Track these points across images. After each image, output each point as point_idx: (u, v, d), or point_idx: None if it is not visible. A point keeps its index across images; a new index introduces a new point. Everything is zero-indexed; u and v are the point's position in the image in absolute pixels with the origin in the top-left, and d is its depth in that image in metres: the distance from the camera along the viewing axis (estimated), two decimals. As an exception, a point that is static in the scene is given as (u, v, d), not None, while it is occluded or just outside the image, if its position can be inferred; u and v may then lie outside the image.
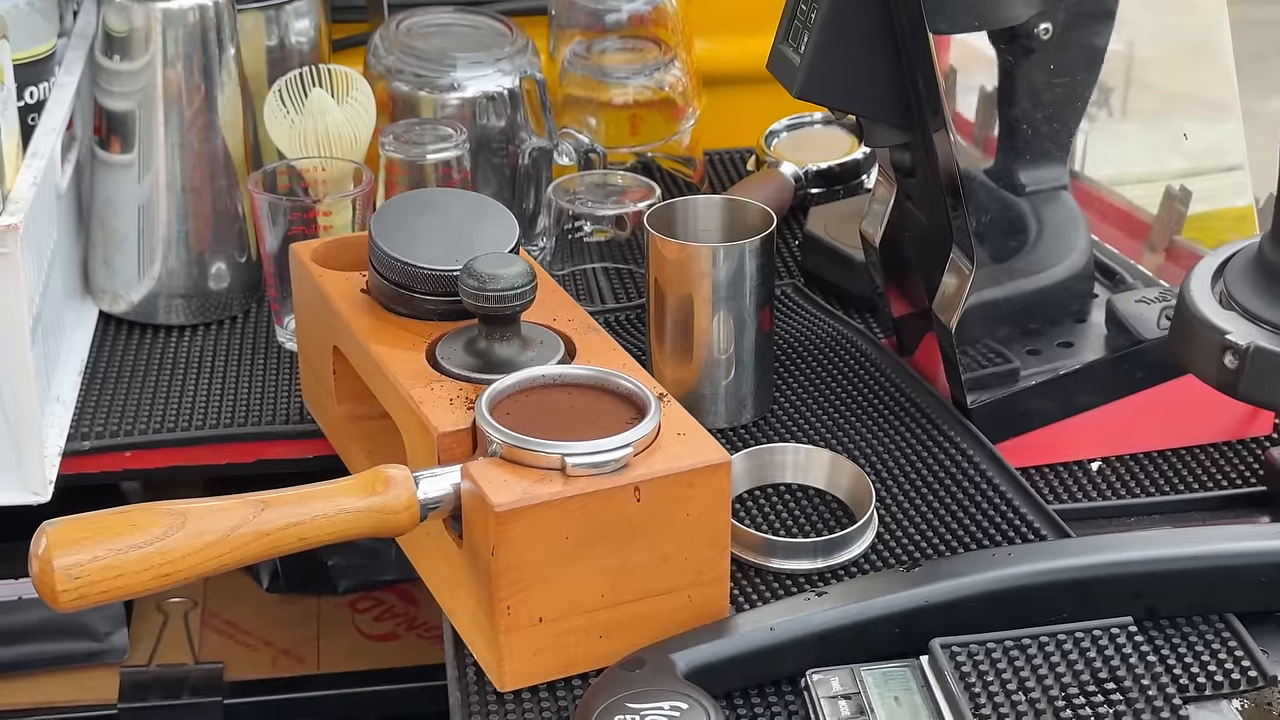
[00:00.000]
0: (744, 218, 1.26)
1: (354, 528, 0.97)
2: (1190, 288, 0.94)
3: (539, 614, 0.98)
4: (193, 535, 0.92)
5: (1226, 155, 1.33)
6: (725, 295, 1.23)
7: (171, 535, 0.92)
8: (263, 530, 0.94)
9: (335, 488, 0.98)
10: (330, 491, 0.97)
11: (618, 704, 0.92)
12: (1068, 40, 1.20)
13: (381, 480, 0.98)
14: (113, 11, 1.39)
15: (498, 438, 0.99)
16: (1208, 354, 0.91)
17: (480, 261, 1.08)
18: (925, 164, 1.21)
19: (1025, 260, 1.26)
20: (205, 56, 1.41)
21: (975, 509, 1.15)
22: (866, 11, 1.15)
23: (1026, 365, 1.24)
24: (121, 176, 1.42)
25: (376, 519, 0.97)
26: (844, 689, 0.97)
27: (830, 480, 1.18)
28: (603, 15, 1.63)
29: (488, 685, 1.01)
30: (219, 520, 0.93)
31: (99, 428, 1.31)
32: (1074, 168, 1.30)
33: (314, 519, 0.95)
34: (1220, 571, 1.03)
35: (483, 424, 1.00)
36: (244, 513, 0.94)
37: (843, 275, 1.46)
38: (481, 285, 1.07)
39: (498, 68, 1.54)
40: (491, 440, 0.99)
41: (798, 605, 1.01)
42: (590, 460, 0.97)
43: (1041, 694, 0.95)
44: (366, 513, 0.97)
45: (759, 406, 1.27)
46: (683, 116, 1.65)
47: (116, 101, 1.41)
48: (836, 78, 1.17)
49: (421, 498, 0.98)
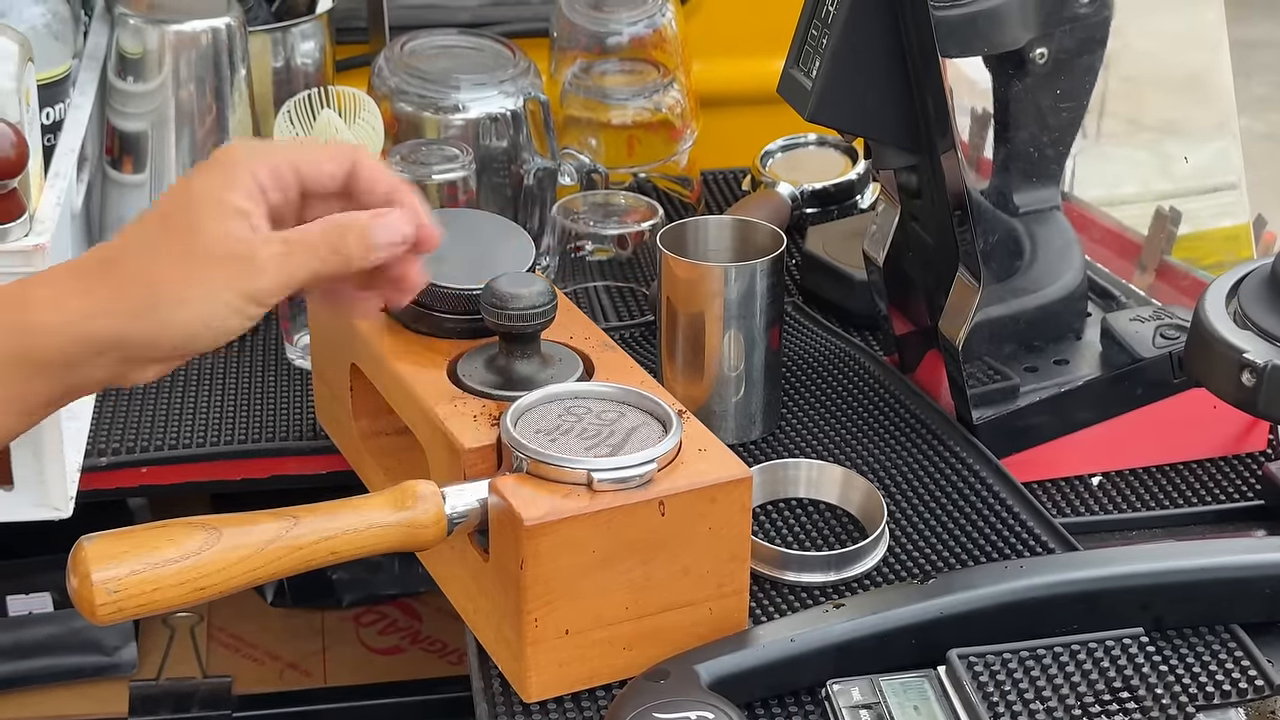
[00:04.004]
0: (754, 238, 1.29)
1: (383, 542, 0.99)
2: (1205, 307, 0.97)
3: (565, 626, 1.01)
4: (228, 550, 0.94)
5: (1220, 175, 1.36)
6: (736, 314, 1.25)
7: (207, 550, 0.93)
8: (295, 544, 0.96)
9: (364, 502, 0.99)
10: (359, 506, 0.99)
11: (645, 714, 0.94)
12: (1062, 65, 1.23)
13: (410, 495, 1.00)
14: (126, 33, 1.41)
15: (525, 455, 1.01)
16: (1225, 372, 0.93)
17: (502, 281, 1.10)
18: (932, 185, 1.23)
19: (1025, 279, 1.29)
20: (217, 78, 1.43)
21: (984, 523, 1.18)
22: (877, 37, 1.18)
23: (1025, 382, 1.27)
24: (133, 196, 1.44)
25: (405, 533, 0.99)
26: (864, 699, 0.99)
27: (842, 495, 1.20)
28: (603, 38, 1.65)
29: (514, 696, 1.03)
30: (253, 535, 0.95)
31: (115, 444, 1.32)
32: (1064, 189, 1.33)
33: (345, 533, 0.97)
34: (1226, 583, 1.06)
35: (509, 441, 1.02)
36: (277, 527, 0.96)
37: (842, 294, 1.49)
38: (504, 304, 1.09)
39: (501, 89, 1.56)
40: (518, 456, 1.01)
41: (817, 617, 1.03)
42: (616, 475, 0.99)
43: (1058, 702, 0.97)
44: (396, 527, 0.99)
45: (768, 423, 1.29)
46: (681, 138, 1.68)
47: (129, 122, 1.43)
48: (847, 101, 1.20)
49: (449, 512, 1.00)
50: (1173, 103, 1.38)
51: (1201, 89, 1.36)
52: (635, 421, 1.05)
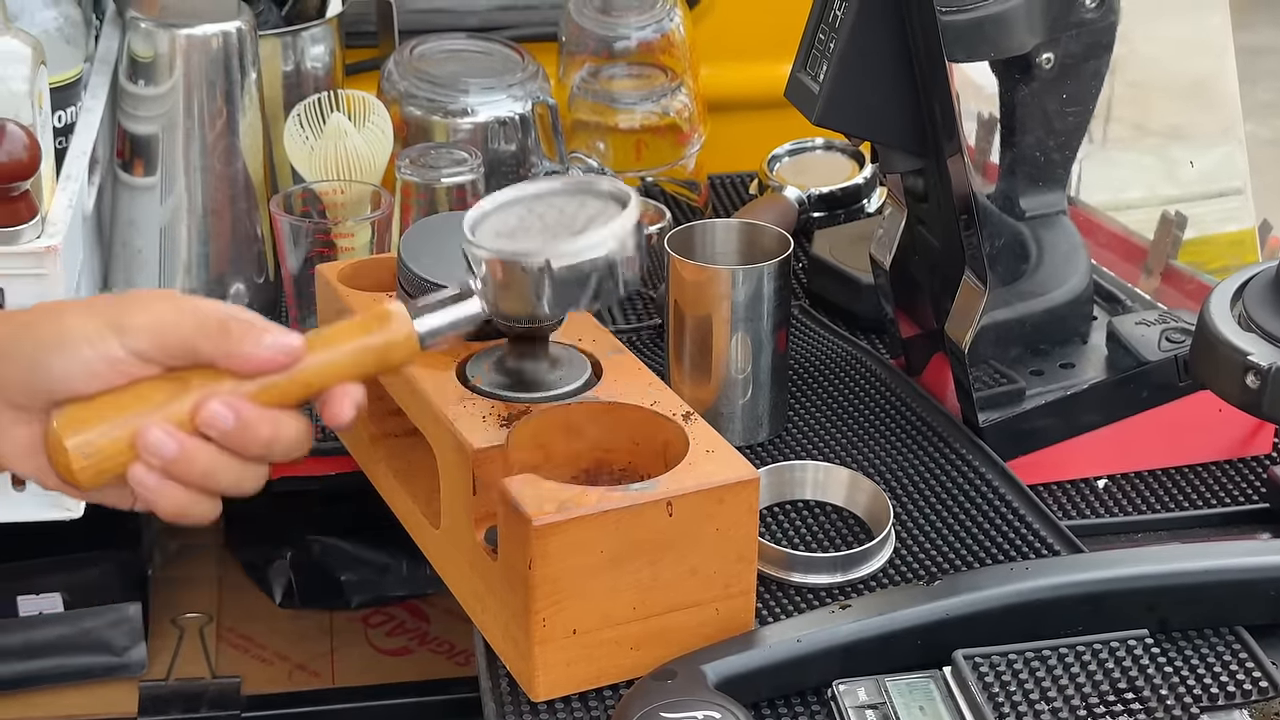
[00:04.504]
0: (761, 241, 1.30)
1: (359, 368, 0.96)
2: (1210, 310, 0.97)
3: (573, 626, 1.01)
4: (196, 400, 0.91)
5: (1226, 180, 1.37)
6: (744, 316, 1.26)
7: (176, 401, 0.90)
8: (267, 384, 0.93)
9: (333, 333, 0.96)
10: (330, 337, 0.96)
11: (652, 713, 0.95)
12: (1068, 69, 1.24)
13: (379, 318, 0.96)
14: (138, 37, 1.42)
15: (483, 258, 0.98)
16: (1230, 375, 0.94)
17: (511, 283, 1.11)
18: (939, 189, 1.24)
19: (1031, 283, 1.30)
20: (228, 81, 1.44)
21: (990, 525, 1.19)
22: (884, 41, 1.19)
23: (1031, 385, 1.28)
24: (144, 199, 1.45)
25: (379, 355, 0.96)
26: (870, 699, 1.00)
27: (849, 497, 1.21)
28: (611, 42, 1.66)
29: (521, 696, 1.04)
30: (223, 383, 0.92)
31: (125, 445, 1.33)
32: (1070, 194, 1.33)
33: (318, 366, 0.94)
34: (1231, 586, 1.07)
35: (468, 252, 0.99)
36: None
37: (849, 297, 1.50)
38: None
39: (509, 93, 1.57)
40: (477, 264, 0.98)
41: (823, 618, 1.04)
42: (574, 262, 0.96)
43: (1063, 703, 0.98)
44: (369, 351, 0.96)
45: (774, 425, 1.30)
46: (688, 142, 1.69)
47: (140, 125, 1.44)
48: (854, 105, 1.21)
49: (420, 330, 0.97)
50: (1178, 108, 1.39)
51: (1207, 94, 1.37)
52: (596, 209, 1.01)
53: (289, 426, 0.93)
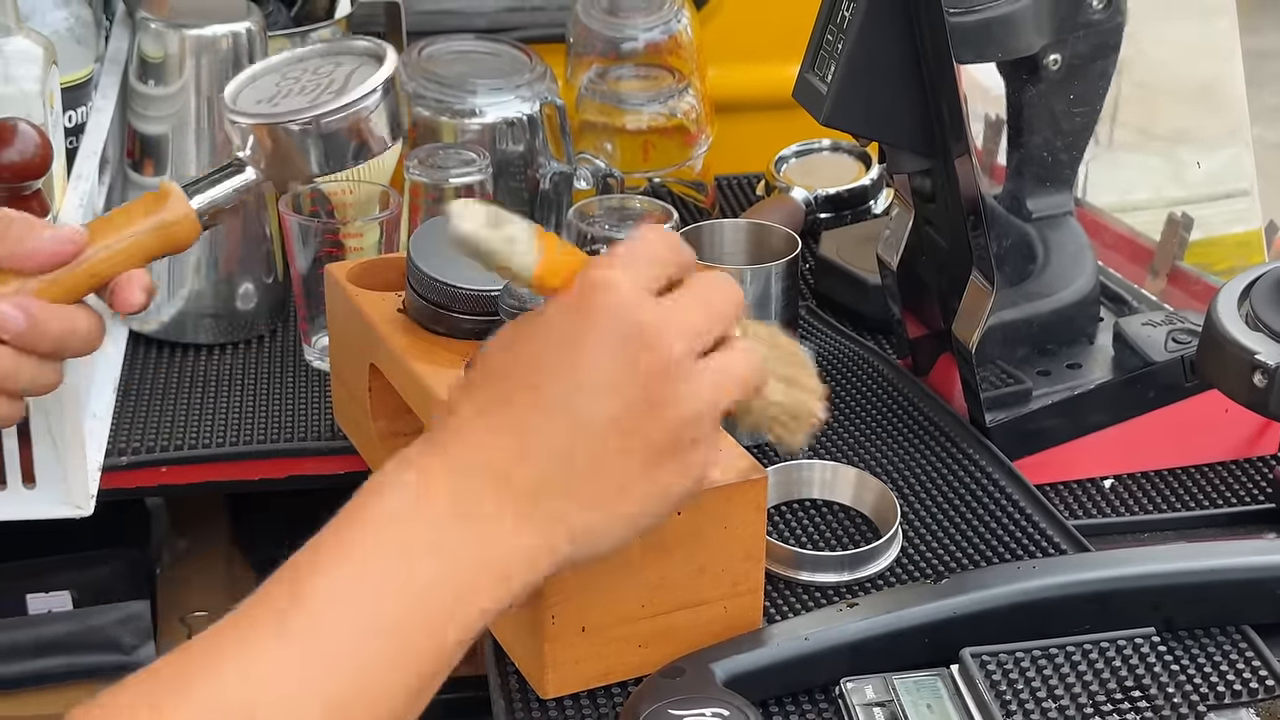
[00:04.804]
0: (769, 241, 1.30)
1: (144, 251, 0.96)
2: (1218, 309, 0.98)
3: (582, 623, 1.02)
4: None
5: (1233, 182, 1.37)
6: (751, 316, 1.26)
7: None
8: (54, 279, 0.93)
9: (113, 219, 0.97)
10: (110, 224, 0.97)
11: (661, 710, 0.96)
12: (1076, 70, 1.24)
13: (158, 197, 0.97)
14: (148, 37, 1.43)
15: (247, 127, 0.99)
16: (1237, 373, 0.95)
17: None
18: (946, 189, 1.24)
19: (1038, 283, 1.30)
20: (237, 82, 1.44)
21: (996, 524, 1.19)
22: (892, 42, 1.19)
23: (1038, 386, 1.28)
24: (154, 199, 1.45)
25: (160, 236, 0.97)
26: (877, 696, 1.00)
27: (856, 497, 1.21)
28: (619, 43, 1.66)
29: (530, 693, 1.04)
30: (9, 283, 0.93)
31: (135, 444, 1.34)
32: (1077, 195, 1.34)
33: (103, 254, 0.94)
34: (1237, 585, 1.07)
35: (229, 123, 1.00)
36: None
37: (856, 298, 1.50)
38: (522, 305, 1.10)
39: (517, 94, 1.57)
40: (242, 132, 0.99)
41: (831, 616, 1.04)
42: (341, 116, 0.98)
43: (1069, 700, 0.98)
44: (151, 232, 0.96)
45: (782, 425, 1.30)
46: (696, 143, 1.69)
47: (150, 125, 1.44)
48: (862, 106, 1.21)
49: (197, 206, 0.97)
50: (1185, 110, 1.39)
51: (1214, 96, 1.37)
52: (352, 66, 1.01)
53: (81, 320, 0.93)
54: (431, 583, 0.79)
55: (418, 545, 0.80)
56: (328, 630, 0.75)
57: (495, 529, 0.81)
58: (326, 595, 0.76)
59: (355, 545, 0.78)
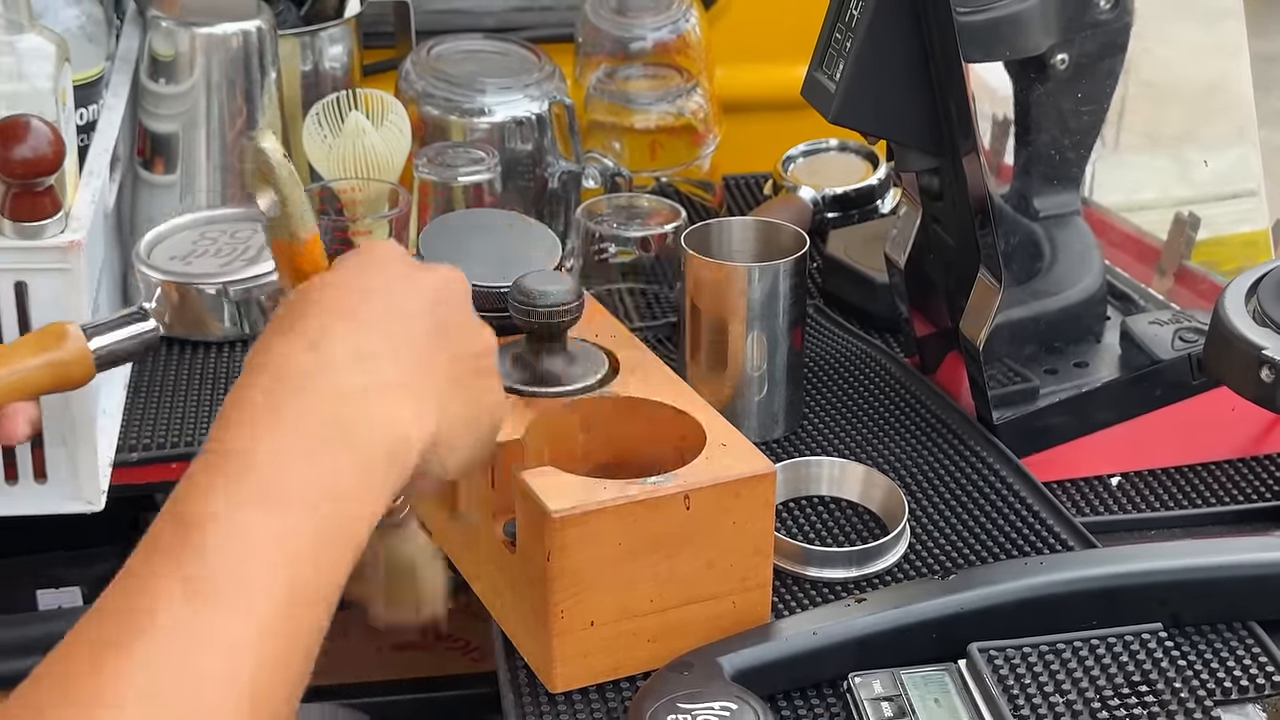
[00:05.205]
0: (777, 239, 1.31)
1: (35, 386, 0.96)
2: (1225, 305, 0.98)
3: (591, 618, 1.02)
4: None
5: (1240, 182, 1.37)
6: (759, 314, 1.27)
7: None
8: None
9: (8, 351, 0.97)
10: (4, 355, 0.97)
11: (669, 704, 0.96)
12: (1083, 69, 1.25)
13: (54, 335, 0.97)
14: (159, 36, 1.43)
15: (158, 281, 0.98)
16: (1244, 369, 0.95)
17: (529, 279, 1.12)
18: (954, 187, 1.25)
19: (1045, 282, 1.31)
20: (247, 80, 1.45)
21: (1004, 521, 1.19)
22: (900, 40, 1.20)
23: (1045, 384, 1.29)
24: (164, 196, 1.46)
25: (54, 373, 0.97)
26: (885, 691, 1.01)
27: (864, 493, 1.22)
28: (627, 43, 1.67)
29: (539, 687, 1.05)
30: None
31: (146, 440, 1.34)
32: (1084, 194, 1.34)
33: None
34: (1243, 581, 1.07)
35: (141, 275, 0.99)
36: None
37: (863, 296, 1.50)
38: (531, 301, 1.11)
39: (526, 93, 1.58)
40: (152, 286, 0.99)
41: (839, 611, 1.05)
42: (248, 287, 0.98)
43: (1077, 695, 0.99)
44: (44, 369, 0.96)
45: (790, 422, 1.31)
46: (703, 142, 1.69)
47: (160, 123, 1.45)
48: (870, 104, 1.22)
49: (93, 347, 0.97)
50: (1193, 109, 1.39)
51: (1221, 96, 1.38)
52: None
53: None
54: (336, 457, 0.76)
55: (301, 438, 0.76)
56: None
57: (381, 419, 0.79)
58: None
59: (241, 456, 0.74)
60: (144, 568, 0.70)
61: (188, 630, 0.67)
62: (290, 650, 0.70)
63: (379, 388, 0.79)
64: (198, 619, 0.68)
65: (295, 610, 0.70)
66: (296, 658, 0.70)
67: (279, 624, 0.69)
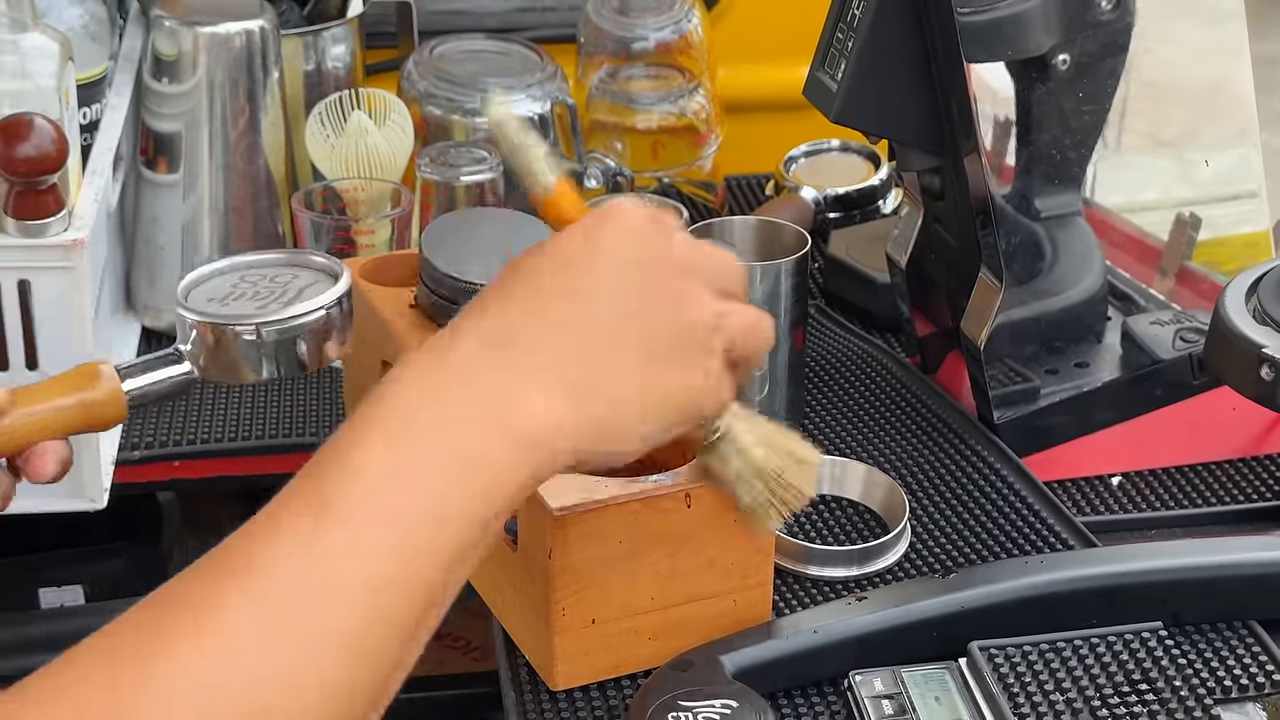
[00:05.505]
0: (778, 238, 1.31)
1: (65, 426, 0.95)
2: (1225, 304, 0.98)
3: (592, 615, 1.02)
4: None
5: (1241, 183, 1.38)
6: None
7: None
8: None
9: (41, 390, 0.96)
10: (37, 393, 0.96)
11: (671, 701, 0.96)
12: (1085, 69, 1.25)
13: (88, 375, 0.96)
14: (162, 36, 1.44)
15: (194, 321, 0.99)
16: (1244, 367, 0.95)
17: (532, 278, 1.12)
18: (955, 187, 1.25)
19: (1046, 282, 1.31)
20: (250, 80, 1.45)
21: (1004, 520, 1.19)
22: (902, 40, 1.20)
23: (1046, 384, 1.29)
24: (167, 196, 1.46)
25: (86, 413, 0.96)
26: (886, 689, 1.01)
27: (864, 492, 1.22)
28: (629, 43, 1.67)
29: (540, 685, 1.05)
30: None
31: (148, 438, 1.35)
32: (1086, 195, 1.34)
33: (22, 422, 0.93)
34: (1244, 580, 1.08)
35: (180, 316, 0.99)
36: None
37: (865, 296, 1.51)
38: (533, 300, 1.11)
39: (528, 93, 1.58)
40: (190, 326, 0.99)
41: (840, 609, 1.05)
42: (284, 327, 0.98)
43: (1078, 694, 0.99)
44: (76, 408, 0.95)
45: (791, 421, 1.31)
46: (705, 143, 1.70)
47: (163, 123, 1.45)
48: (872, 104, 1.22)
49: (128, 389, 0.97)
50: (1194, 110, 1.40)
51: (1223, 98, 1.38)
52: (308, 280, 1.02)
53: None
54: (468, 453, 0.78)
55: (449, 419, 0.78)
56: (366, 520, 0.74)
57: (519, 405, 0.80)
58: (370, 485, 0.75)
59: (382, 439, 0.77)
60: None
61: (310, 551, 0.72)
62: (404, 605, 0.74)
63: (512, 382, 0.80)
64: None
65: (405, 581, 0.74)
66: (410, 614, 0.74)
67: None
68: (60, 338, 1.23)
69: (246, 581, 0.71)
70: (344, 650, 0.71)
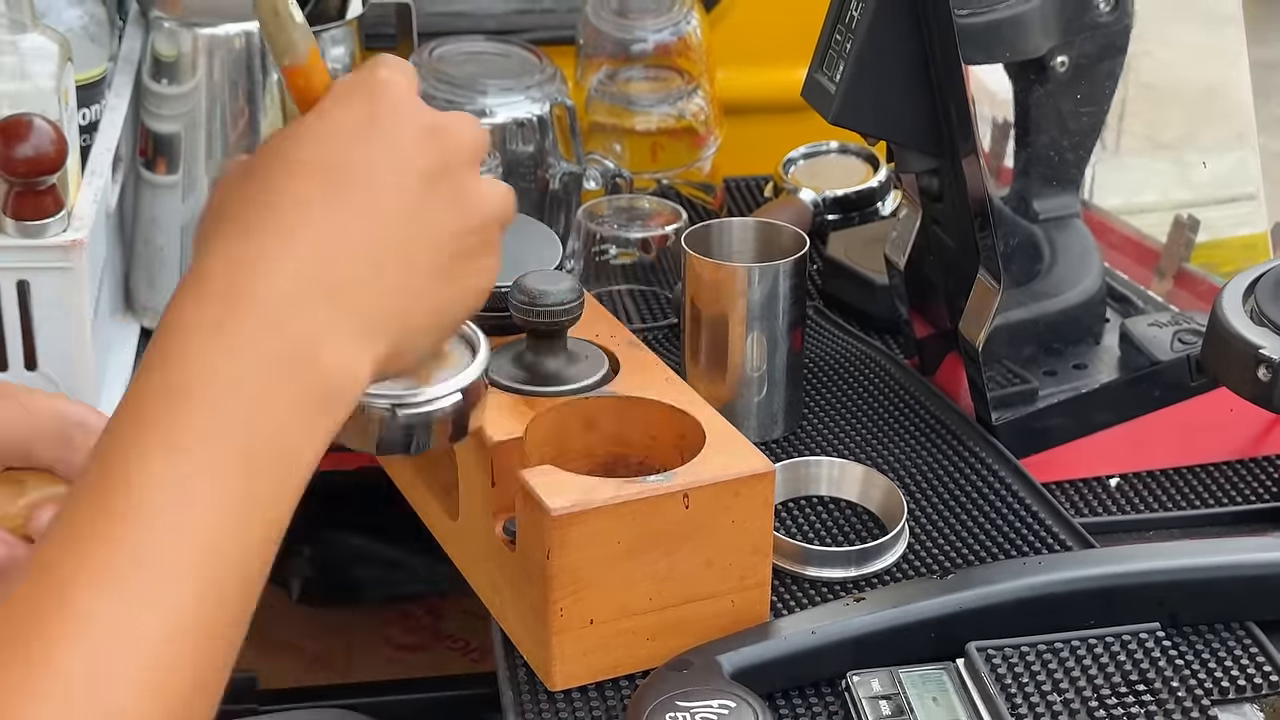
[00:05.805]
0: (777, 240, 1.31)
1: None
2: (1223, 305, 0.99)
3: (590, 616, 1.02)
4: None
5: (1239, 186, 1.38)
6: (759, 314, 1.27)
7: (9, 503, 0.88)
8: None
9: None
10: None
11: (668, 702, 0.96)
12: (1083, 71, 1.25)
13: None
14: (161, 37, 1.44)
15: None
16: (1241, 368, 0.95)
17: (530, 278, 1.12)
18: (954, 189, 1.25)
19: (1045, 284, 1.31)
20: (250, 81, 1.45)
21: (1002, 521, 1.20)
22: (900, 42, 1.20)
23: (1044, 385, 1.29)
24: (166, 197, 1.46)
25: None
26: (883, 690, 1.01)
27: (863, 493, 1.22)
28: (628, 45, 1.67)
29: (539, 685, 1.05)
30: (59, 487, 0.88)
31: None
32: (1084, 197, 1.35)
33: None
34: (1241, 581, 1.08)
35: None
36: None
37: (863, 298, 1.51)
38: (532, 301, 1.11)
39: (527, 95, 1.58)
40: None
41: (837, 610, 1.05)
42: (420, 410, 0.91)
43: (1075, 694, 0.99)
44: None
45: (789, 422, 1.31)
46: (704, 144, 1.70)
47: (163, 124, 1.46)
48: (870, 105, 1.22)
49: None
50: (1192, 112, 1.40)
51: (1221, 100, 1.38)
52: (444, 349, 0.96)
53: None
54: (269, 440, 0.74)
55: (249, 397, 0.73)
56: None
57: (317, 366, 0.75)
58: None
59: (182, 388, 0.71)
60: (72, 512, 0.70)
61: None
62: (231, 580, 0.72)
63: (326, 321, 0.75)
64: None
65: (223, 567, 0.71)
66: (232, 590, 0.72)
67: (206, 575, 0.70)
68: (59, 338, 1.23)
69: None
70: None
